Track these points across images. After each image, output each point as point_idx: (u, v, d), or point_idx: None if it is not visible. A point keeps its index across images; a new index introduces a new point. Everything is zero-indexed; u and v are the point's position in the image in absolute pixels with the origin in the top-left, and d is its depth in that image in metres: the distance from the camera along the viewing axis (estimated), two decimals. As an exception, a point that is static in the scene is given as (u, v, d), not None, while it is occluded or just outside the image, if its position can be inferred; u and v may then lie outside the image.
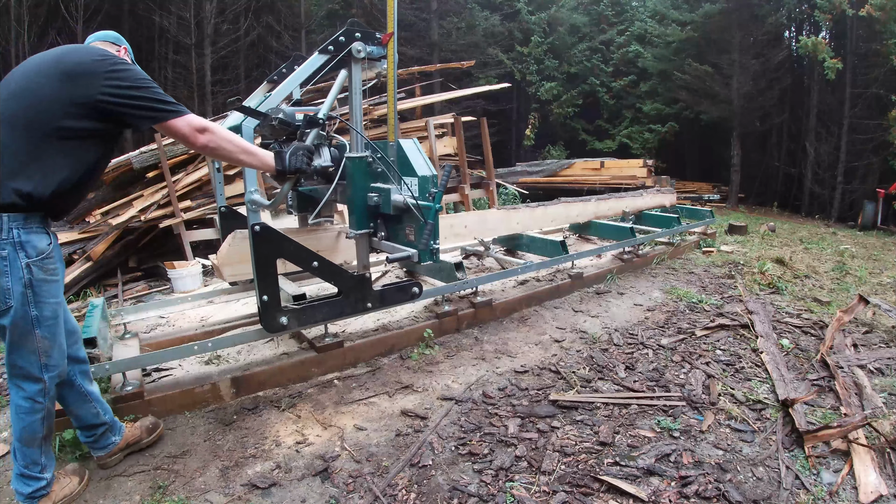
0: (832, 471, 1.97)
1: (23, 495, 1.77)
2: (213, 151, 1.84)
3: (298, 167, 2.09)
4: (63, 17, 12.68)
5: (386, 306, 2.78)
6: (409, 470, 1.96)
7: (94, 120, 1.64)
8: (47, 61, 1.66)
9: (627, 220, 5.40)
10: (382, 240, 2.66)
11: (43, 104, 1.59)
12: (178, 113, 1.72)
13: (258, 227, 2.22)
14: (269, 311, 2.34)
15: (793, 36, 15.62)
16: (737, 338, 3.20)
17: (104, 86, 1.62)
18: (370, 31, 2.43)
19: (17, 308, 1.62)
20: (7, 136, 1.56)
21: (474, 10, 16.81)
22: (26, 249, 1.61)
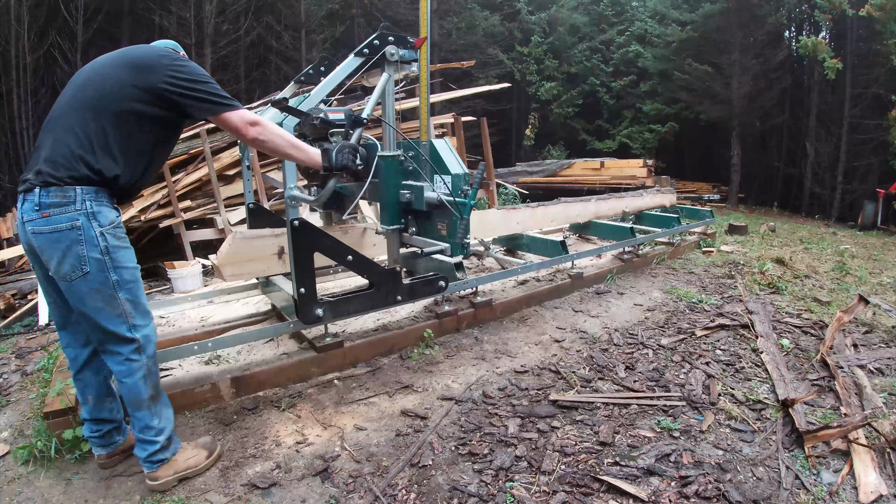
0: (832, 471, 1.97)
1: (142, 459, 1.85)
2: (262, 145, 1.92)
3: (345, 164, 2.15)
4: (63, 18, 12.68)
5: (415, 299, 2.88)
6: (409, 470, 1.96)
7: (158, 107, 1.77)
8: (115, 56, 1.82)
9: (627, 220, 5.40)
10: (413, 235, 2.76)
11: (111, 89, 1.72)
12: (233, 107, 1.84)
13: (297, 222, 2.31)
14: (306, 303, 2.43)
15: (793, 36, 15.64)
16: (737, 338, 3.20)
17: (166, 76, 1.75)
18: (402, 36, 2.53)
19: (95, 274, 1.71)
20: (79, 117, 1.70)
21: (474, 10, 16.82)
22: (98, 219, 1.71)
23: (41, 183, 1.66)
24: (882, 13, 11.00)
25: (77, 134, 1.69)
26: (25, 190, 1.70)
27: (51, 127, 1.74)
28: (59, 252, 1.68)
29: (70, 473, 1.94)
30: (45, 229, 1.67)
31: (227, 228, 5.22)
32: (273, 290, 3.18)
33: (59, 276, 1.71)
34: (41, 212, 1.67)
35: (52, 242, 1.68)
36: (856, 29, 13.26)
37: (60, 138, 1.70)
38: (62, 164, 1.67)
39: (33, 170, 1.70)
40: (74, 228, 1.68)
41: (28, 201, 1.69)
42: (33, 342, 3.45)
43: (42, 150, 1.72)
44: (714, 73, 14.10)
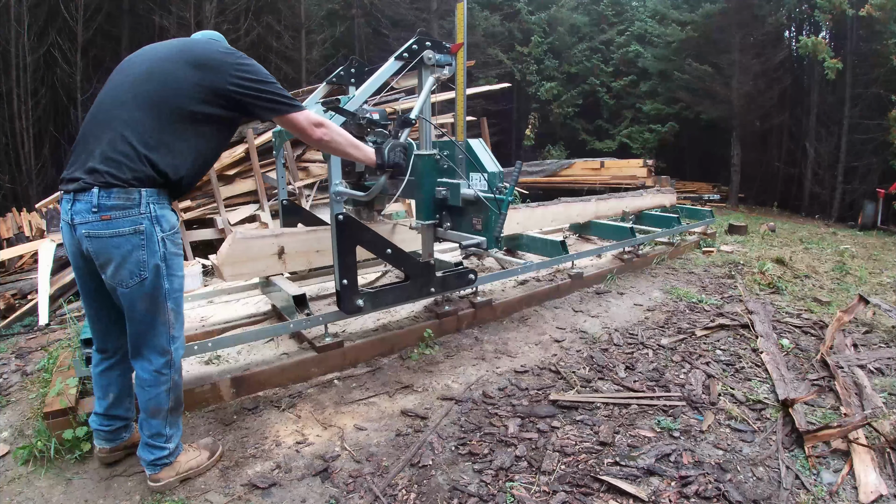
0: (832, 471, 1.97)
1: (146, 462, 1.85)
2: (326, 144, 1.97)
3: (396, 161, 2.23)
4: (63, 18, 12.68)
5: (446, 290, 3.05)
6: (409, 470, 1.96)
7: (222, 107, 1.74)
8: (171, 50, 1.75)
9: (627, 220, 5.40)
10: (448, 230, 2.92)
11: (175, 88, 1.67)
12: (298, 108, 1.85)
13: (341, 217, 2.42)
14: (348, 294, 2.55)
15: (793, 36, 15.63)
16: (737, 338, 3.20)
17: (233, 76, 1.72)
18: (438, 41, 2.68)
19: (151, 280, 1.67)
20: (140, 114, 1.63)
21: (474, 10, 16.81)
22: (161, 224, 1.67)
23: (101, 183, 1.57)
24: (882, 13, 11.00)
25: (139, 132, 1.61)
26: (78, 189, 1.60)
27: (105, 121, 1.65)
28: (118, 257, 1.62)
29: (70, 473, 1.94)
30: (104, 233, 1.59)
31: (227, 228, 5.22)
32: (273, 290, 3.18)
33: (115, 282, 1.65)
34: (100, 214, 1.58)
35: (111, 247, 1.60)
36: (856, 29, 13.25)
37: (120, 135, 1.61)
38: (126, 163, 1.59)
39: (85, 167, 1.60)
40: (137, 233, 1.62)
41: (81, 202, 1.59)
42: (33, 342, 3.45)
43: (96, 146, 1.62)
44: (714, 73, 14.09)
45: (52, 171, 13.24)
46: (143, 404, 1.79)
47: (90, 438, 2.03)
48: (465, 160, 2.80)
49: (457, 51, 2.74)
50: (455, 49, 2.74)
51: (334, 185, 2.44)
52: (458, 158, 2.84)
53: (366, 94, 2.48)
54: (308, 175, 6.15)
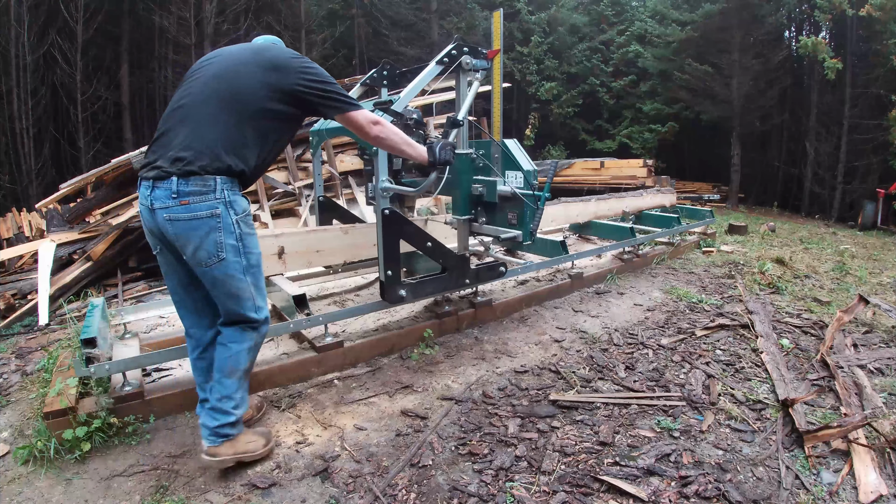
0: (832, 471, 1.97)
1: (208, 429, 1.89)
2: (382, 142, 2.08)
3: (447, 159, 2.33)
4: (63, 18, 12.68)
5: (480, 283, 3.20)
6: (409, 470, 1.96)
7: (290, 105, 1.89)
8: (244, 53, 1.92)
9: (627, 220, 5.40)
10: (483, 224, 3.08)
11: (247, 86, 1.82)
12: (358, 107, 1.98)
13: (387, 211, 2.56)
14: (392, 284, 2.68)
15: (793, 36, 15.64)
16: (737, 338, 3.20)
17: (300, 78, 1.87)
18: (475, 47, 2.82)
19: (230, 259, 1.82)
20: (217, 111, 1.79)
21: (474, 10, 16.81)
22: (234, 207, 1.82)
23: (180, 172, 1.72)
24: (882, 13, 11.00)
25: (217, 127, 1.77)
26: (157, 177, 1.74)
27: (184, 116, 1.80)
28: (196, 238, 1.76)
29: (70, 473, 1.94)
30: (183, 216, 1.74)
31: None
32: (273, 290, 3.18)
33: (196, 262, 1.79)
34: (179, 199, 1.73)
35: (190, 229, 1.75)
36: (856, 29, 13.25)
37: (199, 129, 1.77)
38: (204, 154, 1.74)
39: (165, 157, 1.75)
40: (214, 216, 1.77)
41: (161, 189, 1.74)
42: (33, 342, 3.45)
43: (175, 138, 1.77)
44: (714, 73, 14.09)
45: (52, 171, 13.25)
46: (221, 362, 1.90)
47: (90, 438, 2.03)
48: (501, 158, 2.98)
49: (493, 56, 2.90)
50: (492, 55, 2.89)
51: (381, 181, 2.55)
52: (493, 157, 3.02)
53: (410, 96, 2.60)
54: (308, 175, 6.15)
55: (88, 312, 2.60)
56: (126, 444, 2.10)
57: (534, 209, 2.86)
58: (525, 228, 2.90)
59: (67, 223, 5.34)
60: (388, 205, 2.58)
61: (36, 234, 7.18)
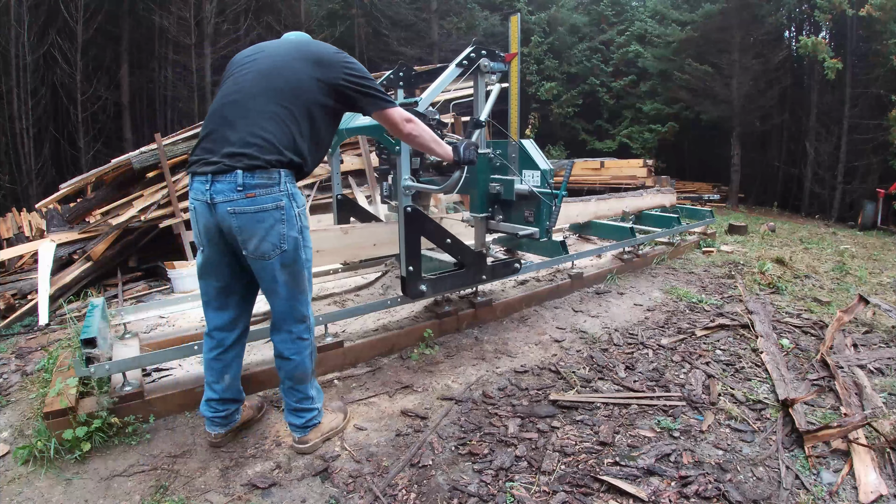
0: (832, 471, 1.97)
1: (296, 426, 2.02)
2: (413, 139, 2.12)
3: (470, 158, 2.41)
4: (63, 18, 12.69)
5: (496, 279, 3.26)
6: (409, 470, 1.96)
7: (333, 99, 1.93)
8: (289, 47, 1.94)
9: (627, 220, 5.40)
10: (500, 222, 3.18)
11: (299, 80, 1.85)
12: (394, 104, 2.01)
13: (410, 209, 2.63)
14: (413, 279, 2.75)
15: (793, 36, 15.63)
16: (737, 338, 3.20)
17: (343, 72, 1.91)
18: (492, 50, 2.91)
19: (291, 252, 1.84)
20: (273, 105, 1.80)
21: (474, 10, 16.81)
22: (296, 200, 1.86)
23: (245, 166, 1.73)
24: (882, 13, 11.00)
25: (275, 121, 1.79)
26: (218, 171, 1.75)
27: (239, 111, 1.81)
28: (261, 230, 1.77)
29: (70, 473, 1.94)
30: (249, 209, 1.75)
31: (227, 228, 5.21)
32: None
33: (258, 255, 1.80)
34: (245, 192, 1.74)
35: (256, 222, 1.76)
36: (856, 29, 13.25)
37: (258, 124, 1.78)
38: (268, 148, 1.76)
39: (222, 152, 1.76)
40: (278, 208, 1.79)
41: (222, 182, 1.74)
42: (33, 342, 3.44)
43: (232, 134, 1.78)
44: (714, 73, 14.09)
45: (52, 171, 13.25)
46: (288, 374, 1.97)
47: (90, 438, 2.03)
48: (518, 158, 3.08)
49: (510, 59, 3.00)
50: (509, 58, 3.00)
51: (404, 179, 2.62)
52: (510, 157, 3.12)
53: (432, 97, 2.67)
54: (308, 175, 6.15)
55: (88, 312, 2.60)
56: (126, 444, 2.10)
57: (550, 207, 2.96)
58: (542, 226, 3.00)
59: (67, 223, 5.34)
60: (409, 203, 2.64)
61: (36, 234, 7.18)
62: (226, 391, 2.03)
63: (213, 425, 2.05)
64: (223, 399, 2.03)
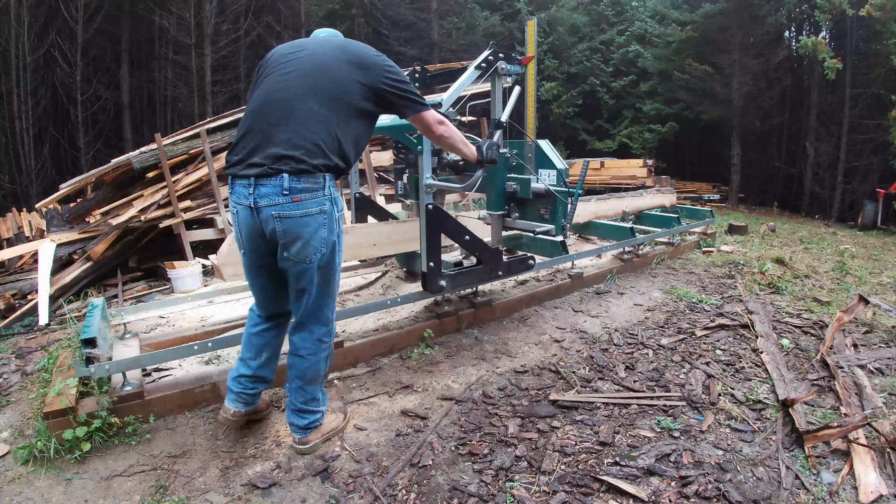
0: (832, 471, 1.97)
1: (298, 427, 2.02)
2: (445, 140, 2.18)
3: (493, 158, 2.49)
4: (63, 18, 12.68)
5: (511, 275, 3.34)
6: (409, 470, 1.96)
7: (374, 103, 1.94)
8: (330, 48, 1.93)
9: (627, 220, 5.40)
10: (516, 219, 3.29)
11: (341, 83, 1.85)
12: (428, 107, 2.05)
13: (431, 206, 2.70)
14: (433, 275, 2.81)
15: (793, 36, 15.63)
16: (737, 338, 3.20)
17: (384, 76, 1.92)
18: (509, 53, 3.01)
19: (329, 255, 1.87)
20: (320, 108, 1.81)
21: (474, 10, 16.81)
22: (337, 204, 1.88)
23: (292, 170, 1.73)
24: (882, 13, 10.99)
25: (320, 124, 1.79)
26: (260, 175, 1.73)
27: (282, 112, 1.79)
28: (306, 235, 1.78)
29: (70, 473, 1.94)
30: (295, 213, 1.75)
31: (227, 228, 5.21)
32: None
33: (300, 258, 1.81)
34: (291, 196, 1.73)
35: (301, 226, 1.77)
36: (856, 29, 13.25)
37: (303, 126, 1.77)
38: (314, 152, 1.76)
39: (267, 153, 1.74)
40: (322, 213, 1.80)
41: (267, 186, 1.73)
42: (33, 342, 3.45)
43: (277, 135, 1.76)
44: (714, 73, 14.08)
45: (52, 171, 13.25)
46: (300, 373, 1.97)
47: (90, 438, 2.03)
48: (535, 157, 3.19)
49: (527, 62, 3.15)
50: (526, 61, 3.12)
51: (425, 178, 2.69)
52: (526, 156, 3.23)
53: (452, 98, 2.74)
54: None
55: (88, 312, 2.60)
56: (126, 444, 2.10)
57: (566, 204, 3.06)
58: (557, 223, 3.11)
59: (67, 223, 5.34)
60: (431, 200, 2.70)
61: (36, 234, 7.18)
62: (260, 368, 2.05)
63: (237, 402, 2.04)
64: (255, 376, 2.04)
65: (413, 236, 3.48)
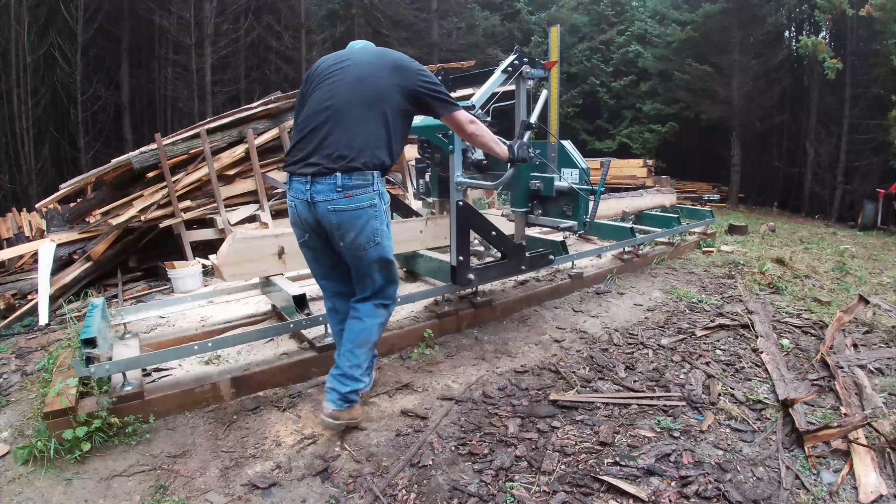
0: (832, 471, 1.97)
1: (337, 393, 2.09)
2: (476, 139, 2.32)
3: (523, 157, 2.65)
4: (63, 17, 12.69)
5: (533, 269, 3.48)
6: (409, 470, 1.96)
7: (411, 104, 2.13)
8: (371, 56, 2.15)
9: (627, 220, 5.40)
10: (539, 216, 3.42)
11: (384, 88, 2.05)
12: (459, 107, 2.22)
13: (461, 203, 2.82)
14: (462, 269, 2.94)
15: (793, 36, 15.65)
16: (737, 338, 3.20)
17: (419, 79, 2.11)
18: (533, 58, 3.17)
19: (383, 243, 2.09)
20: (366, 112, 2.01)
21: (474, 10, 16.82)
22: (384, 198, 2.09)
23: (344, 168, 1.94)
24: (882, 13, 11.00)
25: (367, 127, 2.00)
26: (316, 173, 1.96)
27: (334, 117, 2.00)
28: (358, 226, 1.99)
29: (70, 473, 1.94)
30: (348, 207, 1.97)
31: (227, 228, 5.21)
32: (273, 290, 3.18)
33: (354, 247, 2.02)
34: (344, 192, 1.95)
35: (353, 219, 1.98)
36: (856, 29, 13.26)
37: (354, 129, 1.99)
38: (364, 152, 1.97)
39: (321, 154, 1.96)
40: (372, 206, 2.01)
41: (322, 183, 1.95)
42: (33, 342, 3.45)
43: (328, 137, 1.98)
44: (714, 73, 14.10)
45: (52, 171, 13.25)
46: (354, 335, 2.12)
47: (90, 438, 2.03)
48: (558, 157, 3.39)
49: (550, 67, 3.33)
50: (549, 66, 3.31)
51: (456, 176, 2.80)
52: (549, 156, 3.40)
53: (482, 101, 2.84)
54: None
55: (88, 312, 2.60)
56: (126, 444, 2.10)
57: (588, 202, 3.25)
58: (579, 219, 3.26)
59: (67, 223, 5.34)
60: (461, 198, 2.81)
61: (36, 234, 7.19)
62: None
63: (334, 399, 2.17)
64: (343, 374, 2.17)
65: (411, 236, 3.50)
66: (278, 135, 5.83)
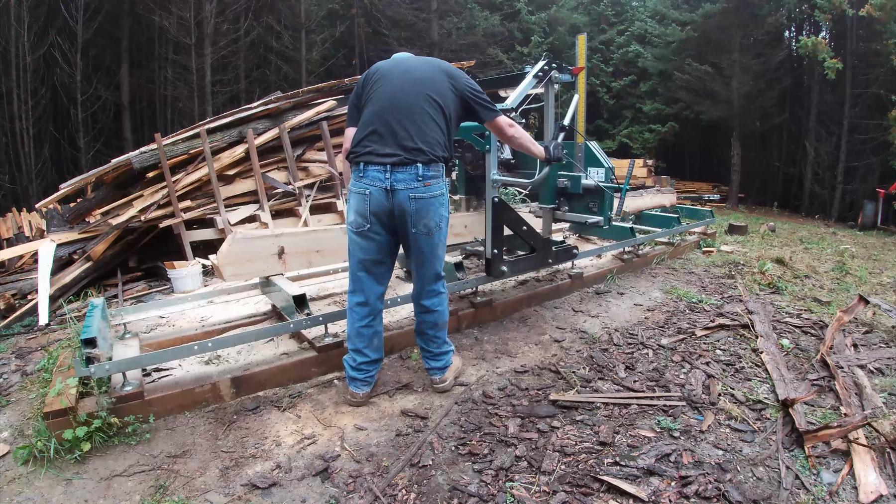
0: (832, 471, 1.97)
1: (437, 369, 2.48)
2: (514, 140, 2.52)
3: (558, 156, 2.85)
4: (63, 17, 12.68)
5: (559, 262, 3.69)
6: (409, 470, 1.96)
7: (462, 107, 2.35)
8: (424, 63, 2.35)
9: (627, 220, 5.40)
10: (566, 212, 3.66)
11: (441, 90, 2.25)
12: (500, 112, 2.43)
13: (496, 199, 2.98)
14: (496, 261, 3.13)
15: (793, 36, 15.64)
16: (737, 338, 3.20)
17: (467, 85, 2.34)
18: (561, 63, 3.43)
19: (444, 228, 2.32)
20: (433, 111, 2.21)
21: (474, 10, 16.80)
22: (446, 189, 2.30)
23: (424, 160, 2.15)
24: (882, 13, 10.99)
25: (434, 124, 2.20)
26: (397, 163, 2.14)
27: (405, 114, 2.18)
28: (431, 212, 2.21)
29: (70, 473, 1.94)
30: (426, 195, 2.18)
31: (227, 228, 5.22)
32: (273, 290, 3.18)
33: (424, 231, 2.23)
34: (423, 181, 2.16)
35: (428, 206, 2.20)
36: (856, 29, 13.25)
37: (425, 125, 2.18)
38: (437, 146, 2.19)
39: (400, 145, 2.15)
40: (441, 195, 2.25)
41: (403, 172, 2.14)
42: (33, 342, 3.45)
43: (404, 131, 2.16)
44: (714, 73, 14.09)
45: (52, 171, 13.25)
46: (432, 324, 2.43)
47: (90, 438, 2.03)
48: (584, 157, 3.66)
49: (578, 73, 3.56)
50: (576, 71, 3.54)
51: (493, 173, 2.96)
52: (576, 156, 3.64)
53: (516, 103, 3.00)
54: (308, 175, 6.14)
55: (88, 312, 2.60)
56: (126, 444, 2.10)
57: (612, 198, 3.49)
58: (605, 214, 3.48)
59: (67, 223, 5.34)
60: (496, 194, 2.97)
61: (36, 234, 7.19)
62: (375, 351, 2.37)
63: (364, 385, 2.37)
64: (374, 360, 2.37)
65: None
66: (278, 135, 5.83)
